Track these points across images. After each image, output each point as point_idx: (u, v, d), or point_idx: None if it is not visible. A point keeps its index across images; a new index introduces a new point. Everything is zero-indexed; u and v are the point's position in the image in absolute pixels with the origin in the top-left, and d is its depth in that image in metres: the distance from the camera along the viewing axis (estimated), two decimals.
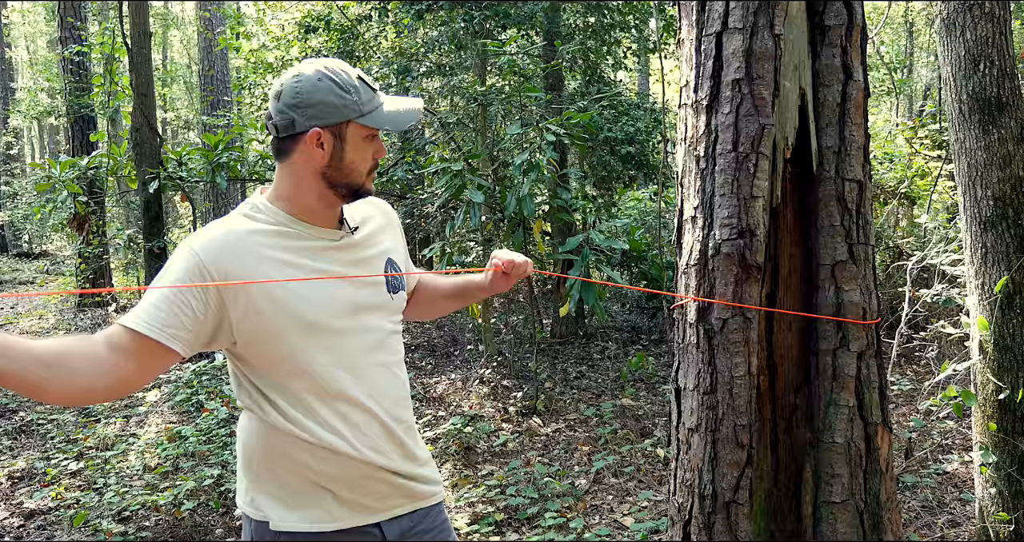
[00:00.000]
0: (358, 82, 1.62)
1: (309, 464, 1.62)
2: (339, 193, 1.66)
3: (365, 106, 1.61)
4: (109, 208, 10.67)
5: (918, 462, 4.53)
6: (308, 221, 1.66)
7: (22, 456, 5.23)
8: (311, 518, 1.64)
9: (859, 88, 2.26)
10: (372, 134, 1.64)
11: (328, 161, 1.61)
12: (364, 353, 1.67)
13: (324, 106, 1.57)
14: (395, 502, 1.72)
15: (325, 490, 1.64)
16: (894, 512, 2.23)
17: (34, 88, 16.11)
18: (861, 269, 2.22)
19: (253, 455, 1.67)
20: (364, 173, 1.66)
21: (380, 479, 1.68)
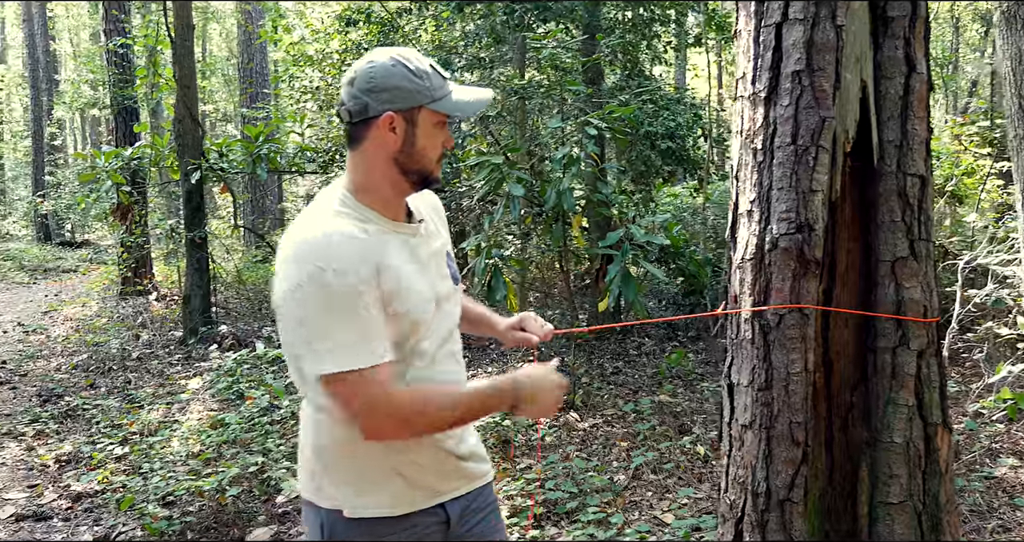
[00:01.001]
0: (429, 68, 1.63)
1: (390, 451, 1.65)
2: (410, 180, 1.66)
3: (437, 92, 1.62)
4: (151, 198, 10.83)
5: (966, 465, 4.45)
6: (387, 215, 1.66)
7: (69, 440, 5.32)
8: (383, 503, 1.66)
9: (922, 81, 2.22)
10: (442, 121, 1.65)
11: (400, 146, 1.62)
12: (441, 343, 1.71)
13: (398, 91, 1.59)
14: (457, 484, 1.77)
15: (398, 475, 1.67)
16: (953, 515, 2.19)
17: (78, 80, 16.38)
18: (922, 266, 2.18)
19: (327, 444, 1.68)
20: (434, 160, 1.67)
21: (448, 462, 1.73)
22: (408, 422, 1.56)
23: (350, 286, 1.50)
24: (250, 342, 7.22)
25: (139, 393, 6.27)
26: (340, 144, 7.79)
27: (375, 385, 1.51)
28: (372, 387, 1.51)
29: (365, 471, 1.67)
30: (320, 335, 1.50)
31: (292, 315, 1.53)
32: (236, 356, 5.96)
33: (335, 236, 1.53)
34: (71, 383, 6.77)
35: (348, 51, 8.34)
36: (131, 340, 8.16)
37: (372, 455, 1.65)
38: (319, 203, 1.67)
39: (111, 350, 7.66)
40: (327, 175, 8.34)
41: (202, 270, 8.02)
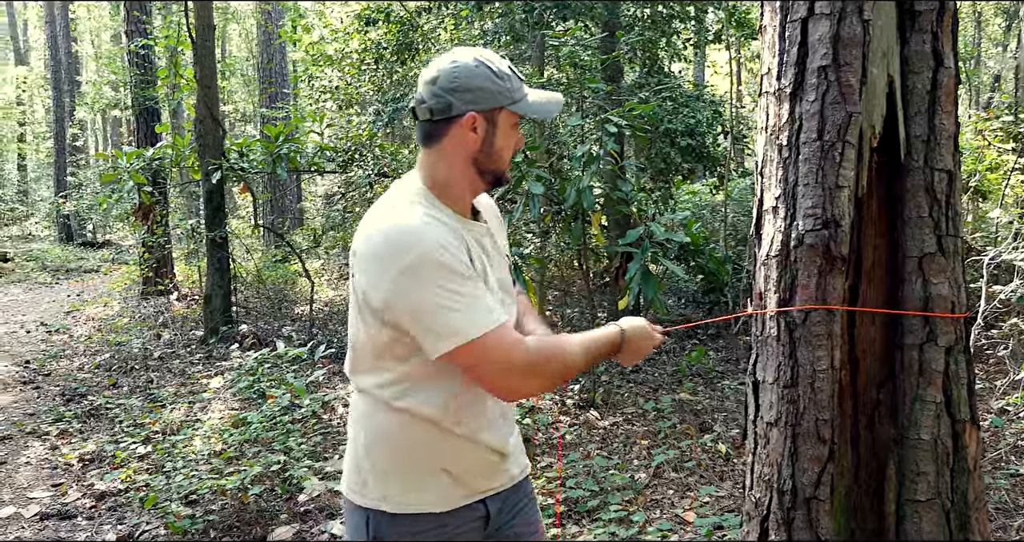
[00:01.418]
0: (509, 71, 1.68)
1: (440, 448, 1.68)
2: (485, 179, 1.71)
3: (516, 94, 1.67)
4: (172, 198, 10.91)
5: (991, 463, 4.40)
6: (460, 213, 1.71)
7: (92, 439, 5.37)
8: (427, 500, 1.69)
9: (950, 75, 2.19)
10: (517, 121, 1.70)
11: (480, 146, 1.66)
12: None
13: (481, 92, 1.63)
14: (500, 481, 1.80)
15: (444, 473, 1.70)
16: (982, 512, 2.17)
17: (99, 81, 16.53)
18: (950, 262, 2.16)
19: (376, 440, 1.70)
20: (508, 160, 1.72)
21: (493, 462, 1.77)
22: (545, 372, 1.59)
23: (459, 259, 1.55)
24: (271, 341, 7.26)
25: (161, 392, 6.32)
26: (359, 143, 7.82)
27: (507, 340, 1.54)
28: (506, 343, 1.54)
29: (413, 467, 1.69)
30: (444, 308, 1.51)
31: (404, 302, 1.53)
32: (257, 355, 6.00)
33: (429, 220, 1.58)
34: (94, 382, 6.84)
35: (367, 50, 8.36)
36: (153, 339, 8.23)
37: (421, 452, 1.68)
38: (397, 196, 1.68)
39: (133, 350, 7.73)
40: (346, 174, 8.37)
41: (223, 270, 8.08)
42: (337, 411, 5.59)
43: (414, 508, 1.68)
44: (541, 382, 1.60)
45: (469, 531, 1.74)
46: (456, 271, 1.52)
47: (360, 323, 1.66)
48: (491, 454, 1.76)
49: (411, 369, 1.65)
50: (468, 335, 1.50)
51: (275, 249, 12.62)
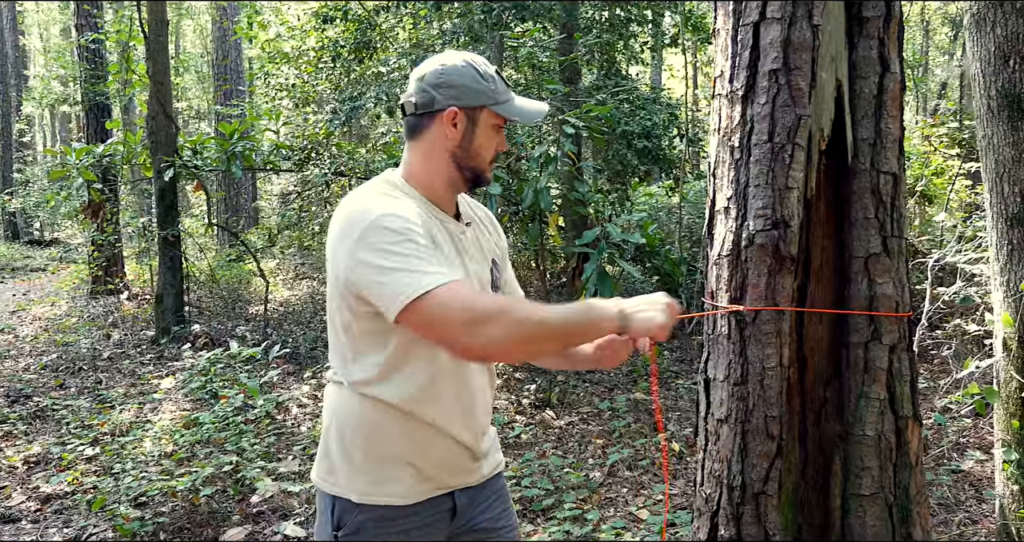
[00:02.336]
0: (495, 74, 1.74)
1: (408, 440, 1.70)
2: (464, 176, 1.75)
3: (500, 96, 1.73)
4: (123, 196, 10.69)
5: (934, 459, 4.52)
6: (440, 206, 1.75)
7: (37, 441, 5.24)
8: (393, 493, 1.71)
9: (896, 80, 2.25)
10: (499, 124, 1.75)
11: (459, 141, 1.71)
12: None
13: (465, 89, 1.69)
14: (469, 478, 1.82)
15: (411, 466, 1.72)
16: (923, 506, 2.23)
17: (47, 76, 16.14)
18: (895, 262, 2.21)
19: (346, 429, 1.73)
20: (488, 160, 1.76)
21: (464, 460, 1.79)
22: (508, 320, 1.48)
23: (410, 225, 1.56)
24: (224, 341, 7.15)
25: (110, 393, 6.19)
26: (316, 142, 7.75)
27: (462, 294, 1.49)
28: (459, 296, 1.49)
29: (380, 458, 1.71)
30: (394, 269, 1.51)
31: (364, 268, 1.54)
32: (210, 355, 5.91)
33: (391, 200, 1.63)
34: (40, 383, 6.67)
35: (325, 48, 8.30)
36: (102, 340, 8.06)
37: (389, 442, 1.70)
38: (371, 185, 1.73)
39: (81, 350, 7.56)
40: (302, 173, 8.29)
41: (175, 269, 7.94)
42: (292, 411, 5.54)
43: (378, 499, 1.71)
44: (505, 331, 1.47)
45: (434, 523, 1.76)
46: (403, 234, 1.54)
47: (336, 312, 1.70)
48: (461, 448, 1.77)
49: (384, 358, 1.67)
50: (419, 289, 1.48)
51: (229, 248, 12.44)
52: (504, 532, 1.90)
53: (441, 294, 1.48)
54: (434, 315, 1.48)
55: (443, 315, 1.48)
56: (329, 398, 1.80)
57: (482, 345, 1.48)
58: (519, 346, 1.53)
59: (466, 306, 1.48)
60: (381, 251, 1.53)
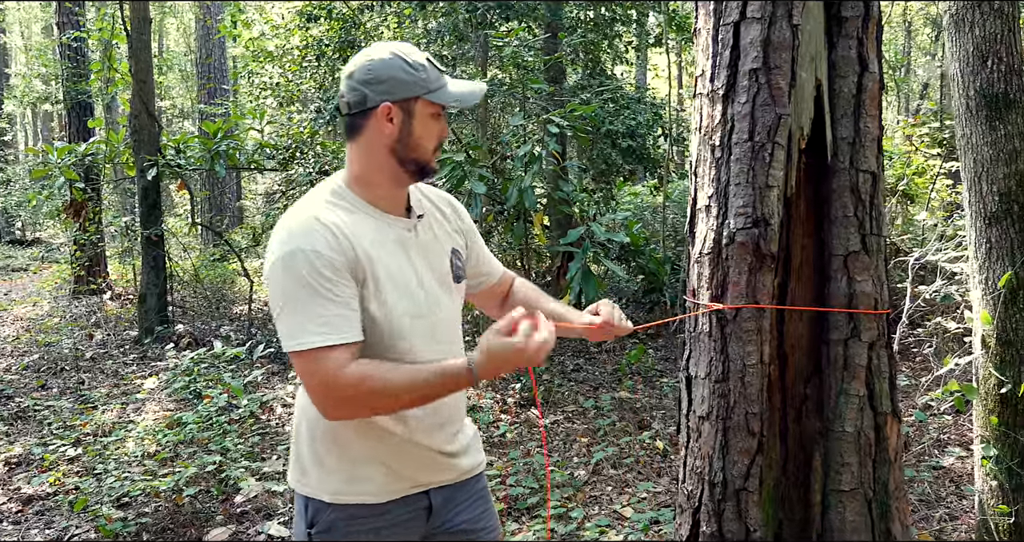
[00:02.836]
0: (426, 62, 1.69)
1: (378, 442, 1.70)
2: (408, 170, 1.71)
3: (432, 83, 1.67)
4: (105, 195, 10.62)
5: (915, 456, 4.56)
6: (382, 207, 1.72)
7: (19, 442, 5.20)
8: (365, 491, 1.71)
9: (874, 80, 2.27)
10: (437, 112, 1.70)
11: (397, 136, 1.67)
12: (432, 338, 1.74)
13: (394, 82, 1.65)
14: (444, 476, 1.82)
15: (382, 465, 1.72)
16: (902, 501, 2.25)
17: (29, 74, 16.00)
18: (873, 260, 2.24)
19: (314, 431, 1.73)
20: (430, 150, 1.72)
21: (437, 459, 1.78)
22: (360, 404, 1.57)
23: (318, 270, 1.55)
24: (208, 341, 7.12)
25: (93, 394, 6.15)
26: (300, 141, 7.73)
27: (329, 365, 1.53)
28: (325, 367, 1.53)
29: (350, 459, 1.71)
30: (288, 312, 1.56)
31: (271, 293, 1.60)
32: (193, 355, 5.88)
33: (317, 223, 1.60)
34: (21, 384, 6.62)
35: (309, 47, 8.27)
36: (84, 340, 8.00)
37: (357, 444, 1.70)
38: (314, 192, 1.73)
39: (63, 350, 7.51)
40: (287, 172, 8.26)
41: (158, 268, 7.90)
42: (276, 411, 5.52)
43: (350, 498, 1.71)
44: (363, 412, 1.61)
45: (409, 521, 1.76)
46: (304, 279, 1.55)
47: None
48: (433, 453, 1.76)
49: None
50: (297, 344, 1.54)
51: (213, 248, 12.38)
52: (485, 533, 1.89)
53: (314, 358, 1.54)
54: (303, 373, 1.57)
55: (307, 379, 1.56)
56: (299, 400, 1.80)
57: (327, 416, 1.60)
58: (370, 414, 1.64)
59: (324, 382, 1.54)
60: (282, 288, 1.57)
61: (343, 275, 1.58)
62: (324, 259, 1.56)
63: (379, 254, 1.66)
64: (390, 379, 1.54)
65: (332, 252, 1.58)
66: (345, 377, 1.54)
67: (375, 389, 1.54)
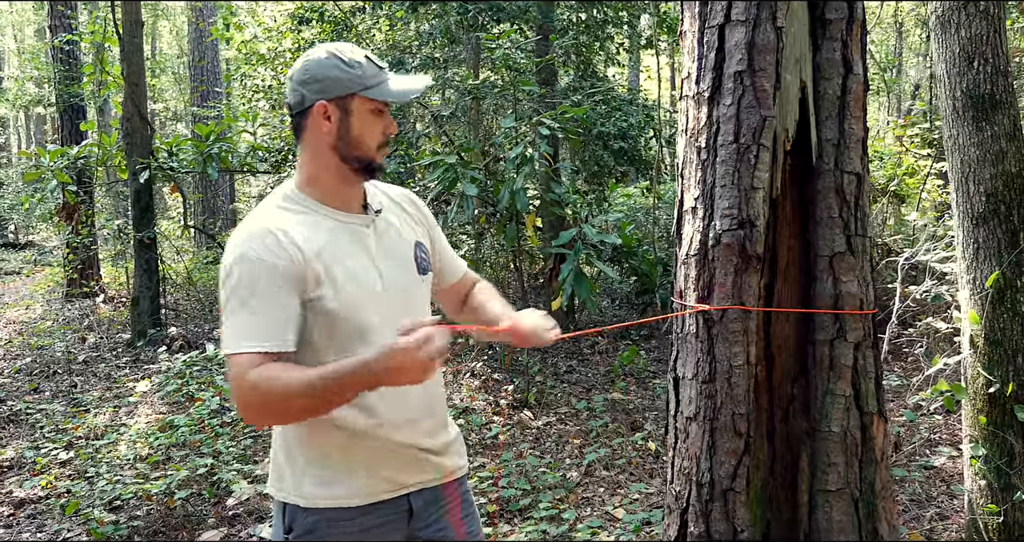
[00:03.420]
0: (364, 59, 1.69)
1: (346, 442, 1.70)
2: (352, 167, 1.71)
3: (369, 80, 1.67)
4: (98, 198, 10.60)
5: (906, 456, 4.58)
6: (334, 205, 1.72)
7: (11, 446, 5.19)
8: (340, 495, 1.71)
9: (859, 82, 2.29)
10: (378, 108, 1.70)
11: (336, 133, 1.68)
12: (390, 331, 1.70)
13: (329, 81, 1.66)
14: (423, 477, 1.79)
15: (358, 467, 1.71)
16: (888, 501, 2.26)
17: (22, 77, 15.96)
18: (859, 260, 2.25)
19: (287, 435, 1.74)
20: (374, 147, 1.71)
21: (414, 456, 1.76)
22: (266, 410, 1.57)
23: (257, 277, 1.58)
24: (200, 344, 7.11)
25: (85, 397, 6.14)
26: (292, 143, 7.73)
27: (241, 371, 1.55)
28: (239, 372, 1.55)
29: (323, 462, 1.71)
30: (225, 317, 1.60)
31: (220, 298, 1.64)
32: (186, 358, 5.88)
33: (262, 230, 1.63)
34: (14, 387, 6.60)
35: (301, 50, 8.27)
36: (77, 343, 7.99)
37: (329, 447, 1.70)
38: (268, 198, 1.75)
39: (56, 353, 7.49)
40: (279, 175, 8.26)
41: (151, 271, 7.89)
42: None
43: (326, 502, 1.70)
44: (260, 417, 1.62)
45: (388, 524, 1.75)
46: (250, 286, 1.58)
47: None
48: (408, 448, 1.74)
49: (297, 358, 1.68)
50: (227, 348, 1.57)
51: (206, 250, 12.35)
52: (465, 538, 1.88)
53: (237, 363, 1.56)
54: (230, 376, 1.58)
55: (232, 382, 1.57)
56: None
57: (248, 421, 1.63)
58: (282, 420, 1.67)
59: (234, 386, 1.56)
60: (224, 294, 1.61)
61: (286, 281, 1.59)
62: (266, 265, 1.58)
63: (334, 254, 1.66)
64: (288, 382, 1.52)
65: (276, 259, 1.59)
66: (248, 382, 1.54)
67: (274, 391, 1.53)
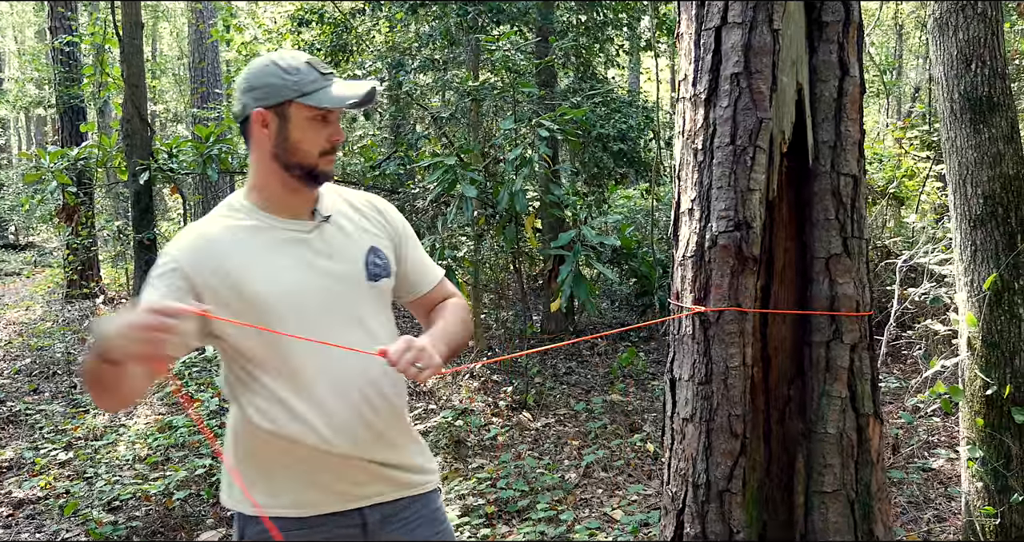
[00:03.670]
0: (304, 65, 1.66)
1: (284, 452, 1.66)
2: (293, 174, 1.67)
3: (307, 86, 1.64)
4: (98, 199, 10.61)
5: (904, 458, 4.58)
6: (278, 213, 1.70)
7: (10, 446, 5.20)
8: (282, 504, 1.67)
9: (855, 84, 2.29)
10: (319, 115, 1.66)
11: (275, 141, 1.66)
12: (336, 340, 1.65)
13: (267, 88, 1.64)
14: (375, 489, 1.73)
15: (301, 477, 1.67)
16: (884, 502, 2.27)
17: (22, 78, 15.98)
18: (855, 262, 2.25)
19: (237, 444, 1.71)
20: (315, 154, 1.67)
21: (355, 467, 1.69)
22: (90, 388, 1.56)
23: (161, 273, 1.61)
24: None
25: (84, 398, 6.15)
26: None
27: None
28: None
29: (268, 470, 1.68)
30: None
31: None
32: (185, 359, 5.88)
33: (193, 234, 1.67)
34: (13, 388, 6.61)
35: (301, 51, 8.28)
36: (77, 344, 7.99)
37: (272, 454, 1.67)
38: (214, 210, 1.76)
39: (56, 354, 7.50)
40: None
41: None
42: None
43: (273, 511, 1.66)
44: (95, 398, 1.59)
45: (340, 537, 1.70)
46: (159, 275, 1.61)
47: None
48: (348, 460, 1.67)
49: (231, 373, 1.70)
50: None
51: None
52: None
53: None
54: None
55: None
56: (229, 414, 1.79)
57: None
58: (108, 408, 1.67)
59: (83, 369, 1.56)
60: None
61: (184, 282, 1.60)
62: (175, 265, 1.61)
63: (254, 259, 1.64)
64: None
65: (186, 262, 1.61)
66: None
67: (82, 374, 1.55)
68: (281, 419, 1.64)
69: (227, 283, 1.62)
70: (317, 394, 1.65)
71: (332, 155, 1.70)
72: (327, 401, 1.65)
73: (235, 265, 1.63)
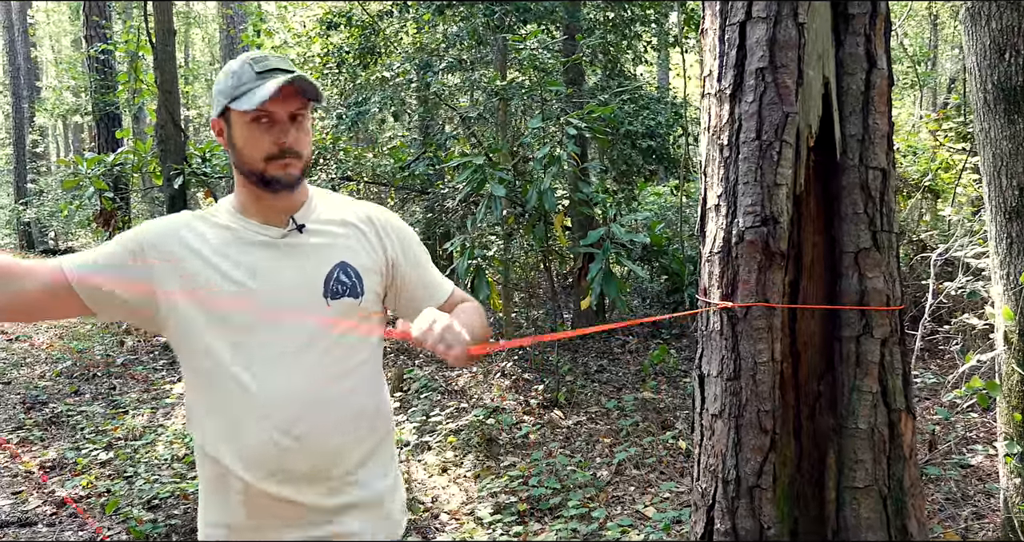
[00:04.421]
0: (243, 66, 1.56)
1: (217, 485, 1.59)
2: (251, 180, 1.60)
3: (240, 89, 1.54)
4: (134, 204, 10.79)
5: (942, 454, 4.51)
6: (253, 218, 1.63)
7: (53, 447, 5.32)
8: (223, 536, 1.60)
9: (883, 76, 2.27)
10: (258, 117, 1.54)
11: (227, 148, 1.62)
12: (279, 357, 1.55)
13: (218, 95, 1.59)
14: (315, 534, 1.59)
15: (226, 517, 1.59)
16: (918, 498, 2.24)
17: (59, 87, 16.31)
18: (884, 256, 2.23)
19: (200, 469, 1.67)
20: (259, 159, 1.56)
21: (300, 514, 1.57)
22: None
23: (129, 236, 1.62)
24: None
25: (124, 399, 6.27)
26: (322, 147, 7.82)
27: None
28: None
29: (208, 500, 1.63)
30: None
31: None
32: None
33: (176, 216, 1.66)
34: (55, 390, 6.76)
35: (329, 55, 8.36)
36: (115, 346, 8.15)
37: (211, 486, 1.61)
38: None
39: (95, 357, 7.66)
40: (310, 178, 8.35)
41: None
42: None
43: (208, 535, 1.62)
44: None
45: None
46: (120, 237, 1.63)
47: None
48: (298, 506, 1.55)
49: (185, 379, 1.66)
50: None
51: None
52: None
53: None
54: None
55: None
56: None
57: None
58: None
59: None
60: None
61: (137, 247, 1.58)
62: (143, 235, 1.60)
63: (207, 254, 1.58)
64: None
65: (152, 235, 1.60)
66: None
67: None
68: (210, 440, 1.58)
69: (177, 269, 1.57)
70: (232, 412, 1.54)
71: (284, 159, 1.56)
72: (242, 423, 1.53)
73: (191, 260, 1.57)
